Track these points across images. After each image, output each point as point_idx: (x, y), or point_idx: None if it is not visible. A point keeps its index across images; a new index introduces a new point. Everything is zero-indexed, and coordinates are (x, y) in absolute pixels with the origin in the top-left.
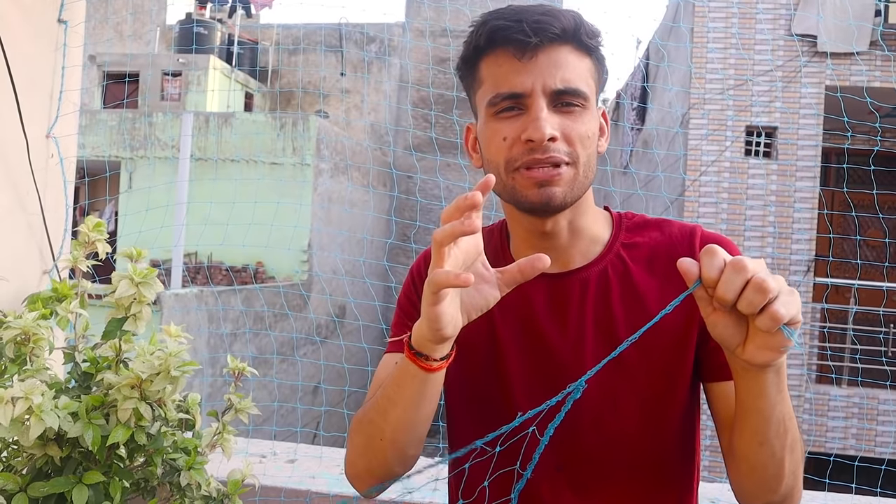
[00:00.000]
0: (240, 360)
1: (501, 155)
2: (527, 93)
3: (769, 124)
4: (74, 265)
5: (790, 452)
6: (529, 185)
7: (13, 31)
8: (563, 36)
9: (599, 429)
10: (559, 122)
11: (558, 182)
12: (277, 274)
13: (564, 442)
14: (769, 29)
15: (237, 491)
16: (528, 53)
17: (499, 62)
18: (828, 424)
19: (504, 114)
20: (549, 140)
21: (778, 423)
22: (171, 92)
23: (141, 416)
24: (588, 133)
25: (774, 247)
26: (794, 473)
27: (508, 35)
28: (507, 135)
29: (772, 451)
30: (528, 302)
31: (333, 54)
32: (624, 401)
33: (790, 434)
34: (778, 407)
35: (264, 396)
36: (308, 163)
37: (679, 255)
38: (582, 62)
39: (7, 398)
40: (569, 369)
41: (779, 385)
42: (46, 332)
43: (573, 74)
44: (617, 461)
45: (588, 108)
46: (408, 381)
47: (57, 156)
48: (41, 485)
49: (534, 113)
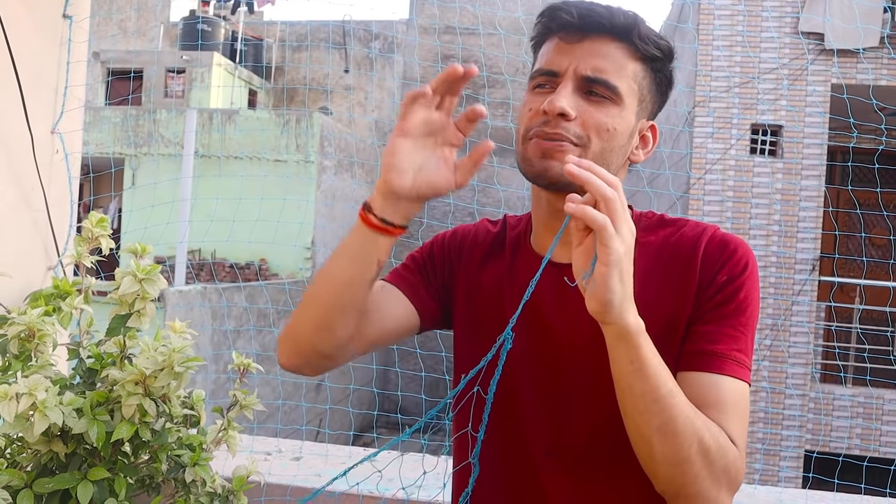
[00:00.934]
0: (244, 357)
1: (523, 124)
2: (560, 72)
3: (774, 123)
4: (78, 261)
5: (663, 437)
6: (534, 153)
7: (18, 26)
8: (612, 30)
9: (588, 414)
10: (579, 104)
11: (559, 156)
12: (281, 271)
13: (553, 428)
14: (775, 27)
15: (242, 488)
16: (575, 38)
17: (550, 45)
18: (832, 424)
19: (538, 89)
20: (561, 115)
21: (634, 397)
22: (174, 89)
23: (145, 413)
24: (609, 126)
25: (780, 245)
26: (674, 464)
27: (561, 22)
28: (532, 106)
29: (636, 427)
30: (537, 289)
31: (337, 51)
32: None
33: (661, 417)
34: (630, 378)
35: (267, 393)
36: (312, 160)
37: (683, 254)
38: (628, 63)
39: (11, 394)
40: (565, 350)
41: (629, 356)
42: (51, 328)
43: (610, 67)
44: (606, 445)
45: (618, 105)
46: (351, 237)
47: (62, 152)
48: (46, 481)
49: (558, 89)
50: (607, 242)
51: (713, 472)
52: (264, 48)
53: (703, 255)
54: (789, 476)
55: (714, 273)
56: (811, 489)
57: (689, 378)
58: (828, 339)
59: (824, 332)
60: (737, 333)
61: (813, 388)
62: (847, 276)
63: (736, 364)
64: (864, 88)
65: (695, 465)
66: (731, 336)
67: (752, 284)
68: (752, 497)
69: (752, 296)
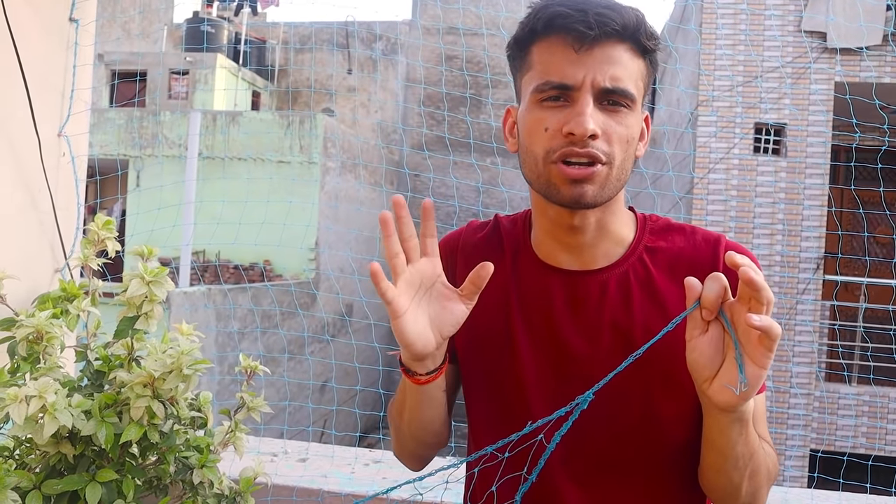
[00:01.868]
0: (251, 359)
1: (541, 145)
2: (576, 85)
3: (778, 122)
4: (85, 263)
5: (749, 479)
6: (563, 181)
7: (25, 29)
8: (623, 33)
9: (606, 426)
10: (603, 120)
11: (592, 180)
12: (285, 272)
13: (569, 437)
14: (778, 26)
15: (249, 489)
16: (585, 45)
17: (553, 49)
18: (837, 423)
19: (549, 102)
20: (591, 137)
21: (736, 459)
22: (178, 90)
23: (153, 415)
24: (629, 136)
25: (783, 244)
26: (754, 495)
27: (569, 23)
28: (550, 125)
29: (728, 479)
30: (547, 297)
31: (340, 52)
32: (632, 399)
33: (751, 465)
34: (738, 447)
35: (272, 394)
36: (315, 161)
37: (702, 264)
38: (635, 63)
39: (21, 396)
40: (582, 367)
41: (741, 430)
42: (58, 330)
43: (624, 74)
44: (621, 457)
45: (633, 111)
46: (408, 391)
47: (69, 154)
48: (55, 482)
49: (579, 107)
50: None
51: (771, 483)
52: (268, 50)
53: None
54: (794, 475)
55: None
56: (816, 489)
57: None
58: (832, 338)
59: (829, 331)
60: None
61: (818, 387)
62: (851, 274)
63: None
64: (868, 87)
65: (765, 489)
66: None
67: None
68: None
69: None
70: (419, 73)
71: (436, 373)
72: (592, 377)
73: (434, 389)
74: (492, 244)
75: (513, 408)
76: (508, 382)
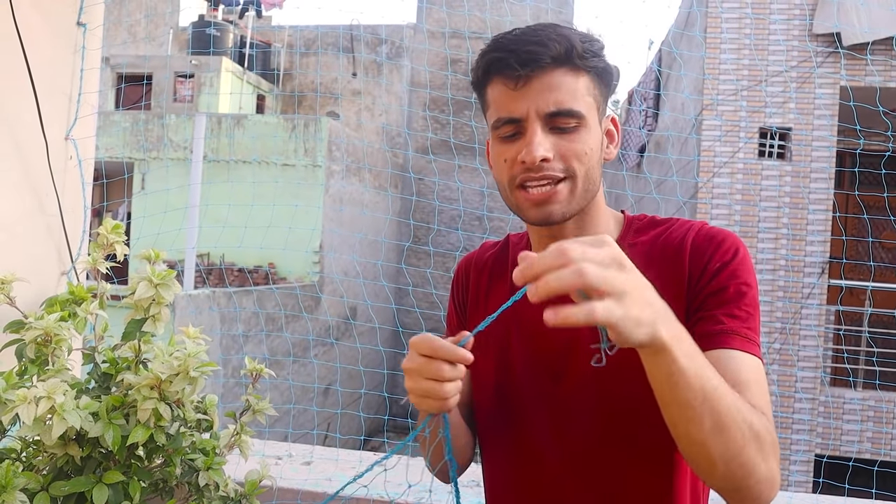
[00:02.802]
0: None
1: (504, 174)
2: (523, 117)
3: (783, 126)
4: (93, 266)
5: (715, 435)
6: (529, 205)
7: (34, 34)
8: (555, 62)
9: (592, 423)
10: (553, 142)
11: (555, 199)
12: (289, 275)
13: (563, 436)
14: (783, 30)
15: (254, 492)
16: (520, 82)
17: (497, 89)
18: (843, 428)
19: (506, 137)
20: (543, 161)
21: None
22: (184, 93)
23: (160, 417)
24: (585, 149)
25: (788, 249)
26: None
27: (501, 67)
28: (508, 156)
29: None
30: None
31: (345, 56)
32: (621, 384)
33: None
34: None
35: (276, 397)
36: (320, 164)
37: (671, 251)
38: (577, 81)
39: (30, 397)
40: (568, 363)
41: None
42: (66, 333)
43: (567, 96)
44: (620, 448)
45: (585, 125)
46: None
47: (75, 158)
48: (62, 484)
49: (528, 136)
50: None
51: (764, 452)
52: (273, 53)
53: (692, 248)
54: (799, 480)
55: (704, 263)
56: (822, 494)
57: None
58: (837, 343)
59: (834, 336)
60: (742, 314)
61: (823, 392)
62: (856, 279)
63: (746, 340)
64: (873, 91)
65: (751, 452)
66: (736, 317)
67: (747, 269)
68: None
69: (749, 280)
70: (424, 76)
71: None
72: (578, 373)
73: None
74: (500, 260)
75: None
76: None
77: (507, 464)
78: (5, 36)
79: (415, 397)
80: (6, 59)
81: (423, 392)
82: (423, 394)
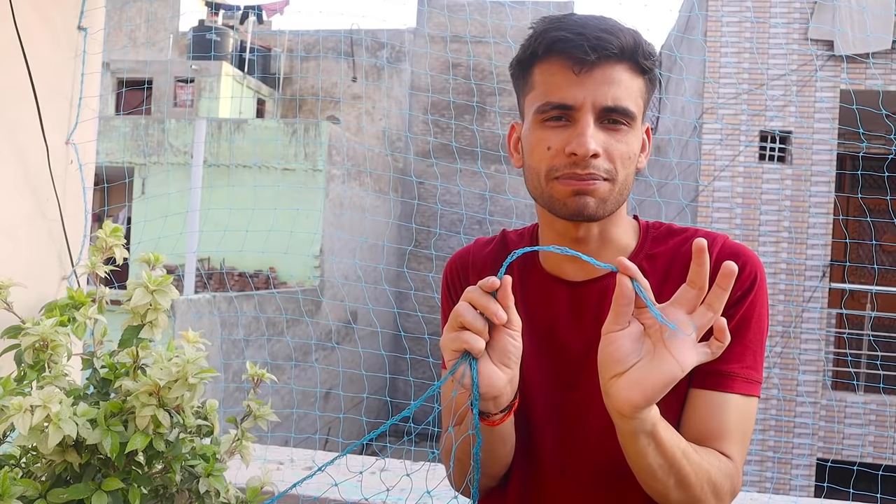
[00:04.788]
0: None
1: (544, 163)
2: (577, 106)
3: (784, 130)
4: (92, 271)
5: (677, 490)
6: (566, 194)
7: (35, 38)
8: (621, 55)
9: (604, 434)
10: (604, 139)
11: (593, 193)
12: (290, 279)
13: (567, 447)
14: (783, 33)
15: (256, 498)
16: (585, 68)
17: (553, 71)
18: (845, 432)
19: (551, 122)
20: (592, 156)
21: (652, 469)
22: (184, 98)
23: (159, 423)
24: (630, 153)
25: (789, 252)
26: None
27: (567, 47)
28: (552, 144)
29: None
30: (552, 307)
31: (345, 60)
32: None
33: (674, 476)
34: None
35: (277, 402)
36: (320, 168)
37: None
38: (634, 81)
39: (25, 406)
40: (582, 372)
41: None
42: (65, 338)
43: (624, 93)
44: (620, 464)
45: (633, 128)
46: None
47: (76, 162)
48: (61, 491)
49: (580, 127)
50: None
51: (721, 499)
52: (273, 58)
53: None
54: (802, 485)
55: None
56: (827, 498)
57: (700, 397)
58: (839, 346)
59: (835, 340)
60: (748, 351)
61: (824, 396)
62: (858, 282)
63: (746, 382)
64: (874, 94)
65: (707, 499)
66: (741, 354)
67: (763, 298)
68: None
69: (762, 311)
70: (425, 80)
71: (508, 411)
72: (592, 383)
73: (507, 426)
74: (500, 259)
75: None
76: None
77: (518, 471)
78: (6, 40)
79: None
80: (7, 63)
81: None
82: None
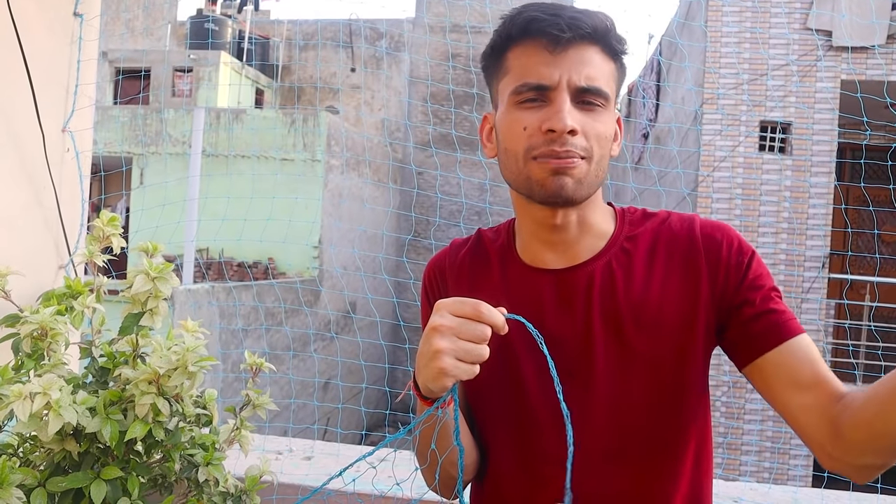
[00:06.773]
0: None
1: (521, 143)
2: (553, 85)
3: (784, 120)
4: (90, 260)
5: None
6: (544, 173)
7: (30, 24)
8: (594, 35)
9: (611, 417)
10: (580, 118)
11: (572, 172)
12: (289, 269)
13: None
14: (784, 23)
15: (255, 487)
16: (559, 47)
17: (528, 52)
18: None
19: (527, 104)
20: (570, 133)
21: None
22: (182, 87)
23: (158, 412)
24: (605, 133)
25: (789, 242)
26: None
27: (543, 27)
28: (528, 124)
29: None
30: (538, 297)
31: (344, 50)
32: (635, 388)
33: None
34: None
35: (276, 392)
36: (319, 158)
37: (681, 246)
38: (606, 64)
39: (25, 393)
40: (579, 362)
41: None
42: (63, 327)
43: (598, 73)
44: (628, 448)
45: (608, 109)
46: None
47: (73, 150)
48: (59, 479)
49: (557, 105)
50: None
51: None
52: (271, 47)
53: (704, 245)
54: (800, 474)
55: (726, 259)
56: (827, 488)
57: (791, 347)
58: (838, 337)
59: (835, 330)
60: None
61: None
62: (858, 273)
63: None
64: (875, 84)
65: None
66: (777, 302)
67: (755, 253)
68: (767, 496)
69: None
70: (424, 70)
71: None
72: (591, 370)
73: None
74: (477, 258)
75: (517, 410)
76: (508, 387)
77: (514, 463)
78: (1, 25)
79: (447, 359)
80: (1, 49)
81: (462, 352)
82: (461, 354)
